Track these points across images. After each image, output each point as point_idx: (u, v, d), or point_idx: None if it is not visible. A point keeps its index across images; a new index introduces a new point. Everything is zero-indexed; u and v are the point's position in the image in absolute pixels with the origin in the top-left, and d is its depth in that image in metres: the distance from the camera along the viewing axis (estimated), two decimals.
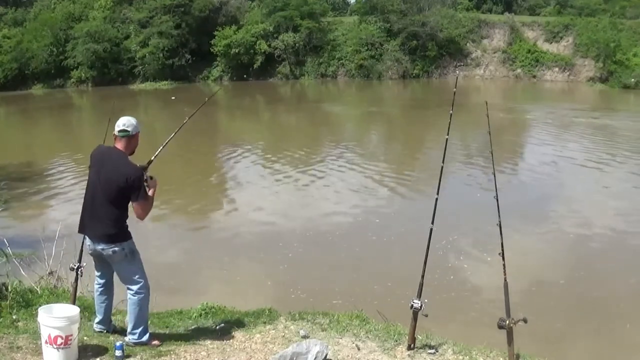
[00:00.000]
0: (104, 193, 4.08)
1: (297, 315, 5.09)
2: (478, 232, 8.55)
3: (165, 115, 26.48)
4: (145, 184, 4.14)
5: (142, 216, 4.16)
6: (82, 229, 4.26)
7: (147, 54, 36.29)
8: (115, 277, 4.38)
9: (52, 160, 15.51)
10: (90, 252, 4.27)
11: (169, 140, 4.54)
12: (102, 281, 4.39)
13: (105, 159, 4.15)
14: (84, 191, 4.34)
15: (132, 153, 4.22)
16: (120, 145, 4.14)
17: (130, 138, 4.15)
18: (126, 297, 4.31)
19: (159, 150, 4.45)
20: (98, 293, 4.42)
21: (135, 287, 4.20)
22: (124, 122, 4.14)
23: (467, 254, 8.09)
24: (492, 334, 4.30)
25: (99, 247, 4.14)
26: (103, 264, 4.30)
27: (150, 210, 4.20)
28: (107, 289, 4.42)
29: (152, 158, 4.40)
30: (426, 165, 13.91)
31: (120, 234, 4.14)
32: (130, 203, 4.14)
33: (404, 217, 10.04)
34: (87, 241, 4.27)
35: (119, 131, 4.13)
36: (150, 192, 4.17)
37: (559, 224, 9.57)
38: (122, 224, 4.16)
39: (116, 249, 4.10)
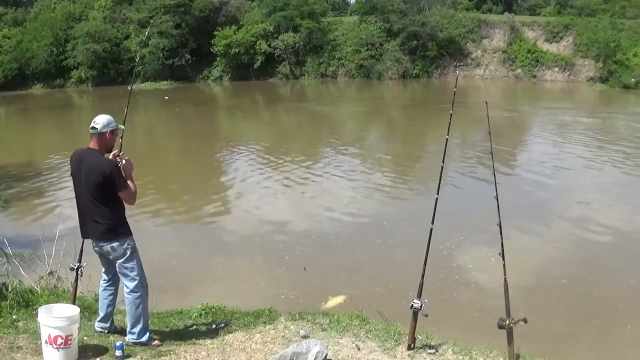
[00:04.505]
0: (89, 195, 4.15)
1: (297, 315, 5.09)
2: (482, 232, 8.52)
3: (164, 114, 26.52)
4: (122, 171, 4.23)
5: (130, 202, 4.28)
6: (84, 234, 4.35)
7: (147, 54, 36.28)
8: None
9: (52, 160, 15.49)
10: (94, 249, 4.36)
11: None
12: (106, 277, 4.45)
13: (81, 162, 4.22)
14: None
15: (108, 151, 4.28)
16: (92, 143, 4.22)
17: (100, 135, 4.20)
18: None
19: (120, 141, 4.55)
20: (102, 289, 4.48)
21: (131, 285, 4.23)
22: (95, 120, 4.23)
23: (471, 254, 8.08)
24: (492, 334, 4.30)
25: (100, 244, 4.23)
26: (107, 260, 4.36)
27: (136, 193, 4.29)
28: (112, 286, 4.47)
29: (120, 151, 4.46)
30: (429, 165, 13.90)
31: (116, 231, 4.19)
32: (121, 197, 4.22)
33: (407, 218, 10.01)
34: (91, 241, 4.34)
35: (90, 128, 4.23)
36: (130, 183, 4.26)
37: (560, 224, 9.57)
38: (117, 221, 4.20)
39: (114, 244, 4.17)
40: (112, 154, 4.31)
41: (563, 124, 20.31)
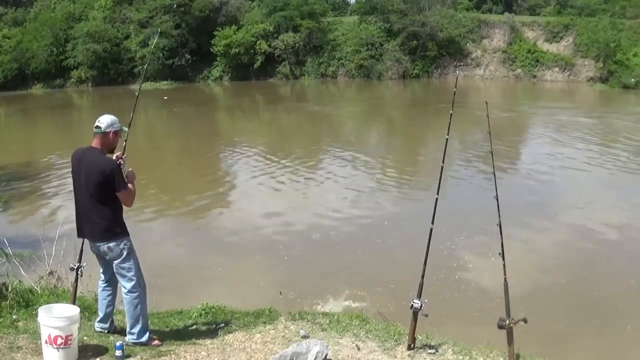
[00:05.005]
0: (88, 194, 4.15)
1: (297, 315, 5.09)
2: (484, 232, 8.52)
3: (164, 114, 26.50)
4: (124, 175, 4.24)
5: (128, 203, 4.28)
6: (80, 234, 4.33)
7: (147, 54, 36.28)
8: None
9: (52, 160, 15.50)
10: (91, 249, 4.36)
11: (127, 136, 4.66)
12: (104, 277, 4.45)
13: (82, 161, 4.22)
14: None
15: (110, 151, 4.29)
16: (95, 142, 4.23)
17: (104, 135, 4.21)
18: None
19: (126, 137, 4.58)
20: (101, 289, 4.48)
21: (128, 285, 4.23)
22: (100, 119, 4.25)
23: (472, 254, 8.08)
24: (493, 334, 4.30)
25: (97, 244, 4.22)
26: (105, 261, 4.35)
27: (134, 196, 4.30)
28: (111, 286, 4.46)
29: (124, 144, 4.54)
30: (429, 165, 13.90)
31: (113, 230, 4.18)
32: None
33: (408, 218, 10.01)
34: (88, 241, 4.34)
35: (94, 127, 4.24)
36: (129, 185, 4.27)
37: (560, 224, 9.57)
38: (114, 221, 4.20)
39: (111, 244, 4.17)
40: (115, 155, 4.31)
41: (562, 124, 20.30)
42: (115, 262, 4.21)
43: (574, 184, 12.33)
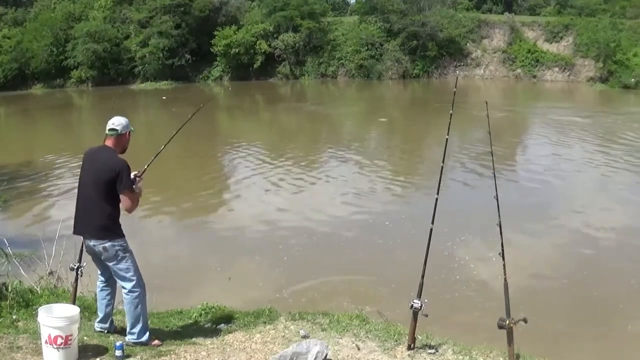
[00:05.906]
0: (94, 190, 4.16)
1: (297, 315, 5.09)
2: (485, 232, 8.50)
3: (165, 114, 26.50)
4: (134, 178, 4.30)
5: (129, 209, 4.23)
6: (76, 230, 4.31)
7: (147, 54, 36.31)
8: None
9: (52, 160, 15.50)
10: (86, 249, 4.34)
11: (159, 153, 4.92)
12: (103, 278, 4.45)
13: (94, 157, 4.27)
14: None
15: (123, 151, 4.33)
16: (109, 142, 4.27)
17: (119, 136, 4.28)
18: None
19: (152, 160, 4.77)
20: (99, 289, 4.48)
21: (128, 285, 4.23)
22: (114, 121, 4.29)
23: (472, 254, 8.08)
24: (492, 334, 4.30)
25: (91, 243, 4.20)
26: (101, 262, 4.33)
27: (137, 203, 4.28)
28: (109, 286, 4.46)
29: (146, 167, 4.70)
30: (429, 165, 13.90)
31: (111, 230, 4.18)
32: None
33: (409, 218, 9.99)
34: (83, 241, 4.33)
35: (109, 129, 4.27)
36: (136, 189, 4.29)
37: (560, 224, 9.57)
38: (112, 220, 4.20)
39: (107, 244, 4.15)
40: (132, 174, 4.33)
41: (562, 124, 20.29)
42: (112, 264, 4.21)
43: (574, 184, 12.34)
